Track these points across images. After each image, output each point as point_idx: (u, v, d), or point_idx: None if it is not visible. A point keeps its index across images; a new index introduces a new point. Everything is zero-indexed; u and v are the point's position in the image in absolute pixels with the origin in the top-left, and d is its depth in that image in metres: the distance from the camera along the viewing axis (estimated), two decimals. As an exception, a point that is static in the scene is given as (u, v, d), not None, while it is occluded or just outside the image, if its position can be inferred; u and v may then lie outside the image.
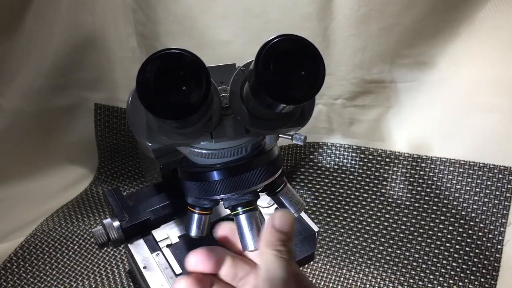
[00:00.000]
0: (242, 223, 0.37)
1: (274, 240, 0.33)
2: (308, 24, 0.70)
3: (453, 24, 0.70)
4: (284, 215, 0.34)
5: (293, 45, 0.28)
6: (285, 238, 0.33)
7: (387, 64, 0.74)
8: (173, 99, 0.28)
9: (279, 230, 0.33)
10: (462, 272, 0.73)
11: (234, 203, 0.38)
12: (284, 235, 0.33)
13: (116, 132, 0.90)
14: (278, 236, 0.33)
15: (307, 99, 0.29)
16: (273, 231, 0.33)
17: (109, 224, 0.50)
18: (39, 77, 0.83)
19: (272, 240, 0.33)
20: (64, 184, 0.90)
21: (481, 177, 0.75)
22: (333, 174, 0.84)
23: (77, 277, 0.72)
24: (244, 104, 0.33)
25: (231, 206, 0.38)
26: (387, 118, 0.80)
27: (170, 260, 0.50)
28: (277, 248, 0.32)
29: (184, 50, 0.28)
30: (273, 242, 0.32)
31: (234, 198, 0.38)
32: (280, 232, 0.33)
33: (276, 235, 0.33)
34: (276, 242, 0.32)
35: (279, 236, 0.33)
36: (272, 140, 0.38)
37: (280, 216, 0.34)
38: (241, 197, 0.38)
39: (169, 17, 0.74)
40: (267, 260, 0.32)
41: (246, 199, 0.38)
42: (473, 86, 0.73)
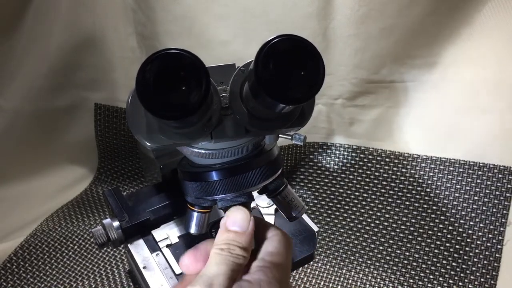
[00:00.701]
0: None
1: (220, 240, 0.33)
2: (308, 24, 0.70)
3: (453, 24, 0.70)
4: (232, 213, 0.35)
5: (293, 45, 0.28)
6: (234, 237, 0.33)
7: (387, 64, 0.74)
8: (172, 99, 0.28)
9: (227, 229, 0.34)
10: (462, 272, 0.73)
11: (229, 204, 0.38)
12: (233, 234, 0.33)
13: (116, 132, 0.90)
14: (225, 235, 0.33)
15: (307, 99, 0.29)
16: (223, 231, 0.34)
17: (109, 224, 0.49)
18: (39, 77, 0.83)
19: (218, 241, 0.33)
20: (64, 184, 0.90)
21: (481, 177, 0.75)
22: (333, 174, 0.84)
23: (77, 277, 0.72)
24: (244, 104, 0.33)
25: (224, 207, 0.38)
26: (387, 118, 0.80)
27: (170, 260, 0.50)
28: (220, 246, 0.32)
29: (183, 50, 0.28)
30: (218, 242, 0.33)
31: (229, 200, 0.38)
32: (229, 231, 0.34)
33: (224, 235, 0.33)
34: (222, 242, 0.33)
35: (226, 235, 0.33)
36: (272, 140, 0.38)
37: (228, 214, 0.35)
38: (236, 198, 0.38)
39: (169, 17, 0.74)
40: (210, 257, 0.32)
41: (241, 201, 0.38)
42: (473, 86, 0.73)
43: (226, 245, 0.33)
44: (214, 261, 0.32)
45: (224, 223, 0.34)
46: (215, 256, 0.32)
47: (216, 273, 0.31)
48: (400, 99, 0.78)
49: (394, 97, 0.78)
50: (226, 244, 0.33)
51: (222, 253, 0.32)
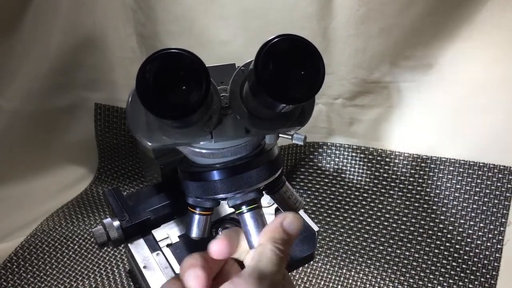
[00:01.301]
0: (247, 221, 0.37)
1: (277, 237, 0.32)
2: (308, 24, 0.70)
3: (453, 24, 0.70)
4: (295, 218, 0.34)
5: (293, 45, 0.29)
6: (287, 240, 0.33)
7: (387, 64, 0.74)
8: (173, 99, 0.28)
9: (285, 230, 0.33)
10: (462, 272, 0.73)
11: (239, 201, 0.38)
12: (287, 236, 0.33)
13: (116, 132, 0.90)
14: (282, 235, 0.33)
15: (307, 99, 0.29)
16: (279, 228, 0.33)
17: (109, 224, 0.49)
18: (39, 77, 0.83)
19: (275, 237, 0.32)
20: (64, 184, 0.90)
21: (481, 177, 0.75)
22: (333, 174, 0.84)
23: (77, 277, 0.72)
24: (244, 104, 0.33)
25: (235, 205, 0.38)
26: (387, 118, 0.80)
27: (170, 260, 0.50)
28: (277, 245, 0.32)
29: (183, 50, 0.28)
30: (275, 239, 0.32)
31: (238, 197, 0.38)
32: (285, 232, 0.33)
33: (281, 233, 0.33)
34: (278, 240, 0.32)
35: (282, 235, 0.33)
36: (272, 139, 0.38)
37: (291, 217, 0.34)
38: (246, 195, 0.38)
39: (169, 17, 0.74)
40: (262, 252, 0.32)
41: (251, 197, 0.38)
42: (473, 86, 0.73)
43: (284, 246, 0.32)
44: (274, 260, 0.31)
45: (281, 221, 0.34)
46: (274, 256, 0.31)
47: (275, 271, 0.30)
48: (400, 99, 0.78)
49: (394, 97, 0.78)
50: (284, 245, 0.32)
51: (281, 254, 0.32)
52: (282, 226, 0.33)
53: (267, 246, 0.32)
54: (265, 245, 0.32)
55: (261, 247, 0.32)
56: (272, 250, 0.31)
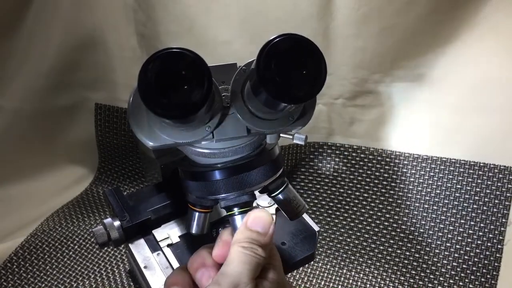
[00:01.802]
0: (237, 223, 0.37)
1: (241, 237, 0.33)
2: (309, 24, 0.70)
3: (453, 24, 0.70)
4: (259, 214, 0.34)
5: (295, 44, 0.29)
6: (253, 236, 0.33)
7: (388, 64, 0.74)
8: (174, 99, 0.28)
9: (250, 228, 0.33)
10: (462, 272, 0.73)
11: (232, 203, 0.38)
12: (256, 234, 0.33)
13: (116, 132, 0.90)
14: (248, 234, 0.33)
15: (308, 98, 0.29)
16: (243, 229, 0.33)
17: (110, 224, 0.49)
18: (39, 77, 0.83)
19: (238, 238, 0.33)
20: (64, 184, 0.90)
21: (481, 177, 0.75)
22: (333, 174, 0.84)
23: (78, 277, 0.72)
24: (245, 104, 0.33)
25: (227, 206, 0.38)
26: (387, 118, 0.80)
27: (171, 260, 0.50)
28: (242, 244, 0.32)
29: (185, 49, 0.28)
30: (239, 239, 0.32)
31: (231, 199, 0.38)
32: (250, 230, 0.33)
33: (246, 233, 0.33)
34: (243, 239, 0.32)
35: (249, 234, 0.33)
36: (273, 139, 0.38)
37: (254, 215, 0.34)
38: (239, 197, 0.38)
39: (170, 17, 0.74)
40: (231, 253, 0.32)
41: (244, 200, 0.38)
42: (473, 86, 0.73)
43: (249, 243, 0.32)
44: (238, 259, 0.31)
45: (245, 221, 0.34)
46: (239, 254, 0.31)
47: (241, 272, 0.30)
48: (401, 99, 0.78)
49: (394, 97, 0.78)
50: (249, 242, 0.32)
51: (245, 251, 0.31)
52: (246, 226, 0.33)
53: (232, 248, 0.32)
54: (232, 248, 0.32)
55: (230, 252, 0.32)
56: (237, 249, 0.32)
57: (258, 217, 0.34)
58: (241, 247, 0.32)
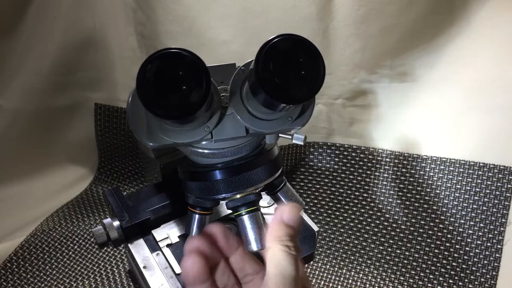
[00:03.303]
0: (245, 223, 0.37)
1: (282, 234, 0.31)
2: (308, 24, 0.70)
3: (453, 24, 0.70)
4: (292, 209, 0.33)
5: (293, 45, 0.29)
6: (293, 233, 0.32)
7: (387, 64, 0.74)
8: (173, 99, 0.28)
9: (287, 224, 0.32)
10: (462, 272, 0.73)
11: (238, 203, 0.38)
12: (292, 229, 0.32)
13: (116, 132, 0.90)
14: (286, 230, 0.32)
15: (307, 99, 0.29)
16: (281, 225, 0.32)
17: (109, 224, 0.49)
18: (39, 77, 0.83)
19: (280, 235, 0.31)
20: (64, 184, 0.90)
21: (481, 177, 0.75)
22: (333, 174, 0.84)
23: (77, 277, 0.72)
24: (244, 104, 0.33)
25: (234, 207, 0.38)
26: (387, 118, 0.80)
27: (170, 260, 0.50)
28: (286, 243, 0.31)
29: (184, 50, 0.28)
30: (281, 237, 0.31)
31: (237, 199, 0.38)
32: (288, 226, 0.32)
33: (285, 229, 0.32)
34: (285, 237, 0.31)
35: (287, 230, 0.32)
36: (272, 139, 0.38)
37: (288, 209, 0.33)
38: (244, 197, 0.38)
39: (169, 17, 0.74)
40: (276, 255, 0.30)
41: (249, 200, 0.38)
42: (473, 86, 0.73)
43: (292, 241, 0.31)
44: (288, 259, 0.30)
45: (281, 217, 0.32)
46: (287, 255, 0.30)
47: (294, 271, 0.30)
48: (400, 99, 0.78)
49: (394, 97, 0.78)
50: (292, 240, 0.31)
51: (292, 252, 0.30)
52: (284, 222, 0.32)
53: (276, 247, 0.31)
54: (274, 246, 0.31)
55: (271, 250, 0.31)
56: (282, 251, 0.30)
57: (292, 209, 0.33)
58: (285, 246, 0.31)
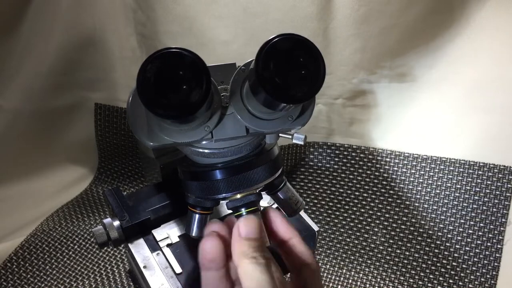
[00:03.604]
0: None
1: (245, 249, 0.31)
2: (308, 24, 0.70)
3: (453, 24, 0.70)
4: (246, 222, 0.33)
5: (294, 45, 0.29)
6: (256, 243, 0.32)
7: (387, 64, 0.74)
8: (173, 99, 0.28)
9: (247, 237, 0.32)
10: (462, 272, 0.73)
11: (238, 204, 0.38)
12: (254, 241, 0.32)
13: (116, 132, 0.90)
14: (247, 243, 0.32)
15: (307, 98, 0.29)
16: (241, 241, 0.32)
17: (109, 224, 0.49)
18: (39, 77, 0.83)
19: (243, 250, 0.31)
20: (64, 184, 0.90)
21: (481, 177, 0.75)
22: (333, 174, 0.84)
23: (77, 276, 0.72)
24: (244, 104, 0.33)
25: (234, 207, 0.38)
26: (387, 118, 0.80)
27: (170, 260, 0.50)
28: (251, 255, 0.31)
29: (184, 49, 0.28)
30: (245, 252, 0.31)
31: (237, 199, 0.38)
32: (248, 239, 0.32)
33: (246, 243, 0.32)
34: (248, 250, 0.31)
35: (248, 243, 0.32)
36: (273, 139, 0.38)
37: (243, 224, 0.33)
38: (245, 197, 0.38)
39: (169, 17, 0.74)
40: (246, 270, 0.30)
41: (250, 200, 0.38)
42: (473, 85, 0.73)
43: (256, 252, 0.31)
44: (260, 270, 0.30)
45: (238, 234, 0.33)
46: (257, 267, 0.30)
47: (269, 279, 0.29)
48: (400, 99, 0.78)
49: (394, 97, 0.78)
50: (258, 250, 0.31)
51: (259, 261, 0.30)
52: (241, 236, 0.32)
53: (243, 262, 0.31)
54: (241, 262, 0.31)
55: (240, 267, 0.31)
56: (251, 263, 0.30)
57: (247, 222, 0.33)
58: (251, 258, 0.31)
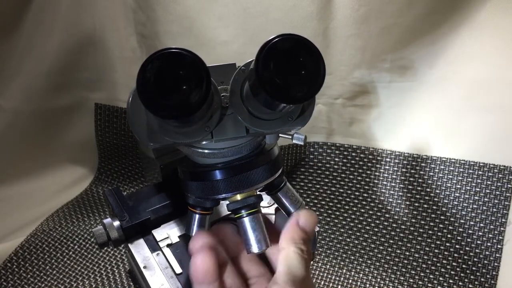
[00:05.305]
0: (246, 225, 0.37)
1: (297, 237, 0.32)
2: (308, 24, 0.70)
3: (453, 24, 0.70)
4: (310, 215, 0.34)
5: (294, 45, 0.28)
6: (307, 238, 0.33)
7: (387, 64, 0.74)
8: (173, 99, 0.28)
9: (303, 228, 0.33)
10: (462, 272, 0.73)
11: (238, 206, 0.38)
12: (306, 234, 0.33)
13: (116, 132, 0.90)
14: (301, 234, 0.33)
15: (307, 98, 0.29)
16: (297, 228, 0.33)
17: (109, 224, 0.49)
18: (39, 77, 0.83)
19: (295, 237, 0.32)
20: (64, 184, 0.90)
21: (481, 177, 0.75)
22: (333, 174, 0.84)
23: (77, 277, 0.72)
24: (244, 104, 0.33)
25: (235, 209, 0.38)
26: (387, 118, 0.80)
27: (170, 260, 0.50)
28: (299, 246, 0.32)
29: (184, 50, 0.28)
30: (295, 240, 0.32)
31: (238, 201, 0.38)
32: (303, 230, 0.33)
33: (299, 233, 0.33)
34: (299, 240, 0.32)
35: (302, 234, 0.33)
36: (273, 139, 0.38)
37: (306, 215, 0.34)
38: (245, 199, 0.37)
39: (169, 17, 0.74)
40: (289, 256, 0.31)
41: (250, 202, 0.37)
42: (473, 85, 0.73)
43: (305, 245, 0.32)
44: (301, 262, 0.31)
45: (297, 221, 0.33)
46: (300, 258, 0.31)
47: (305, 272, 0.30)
48: (400, 99, 0.78)
49: (394, 97, 0.78)
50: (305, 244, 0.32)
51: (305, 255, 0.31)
52: (299, 226, 0.33)
53: (290, 249, 0.32)
54: (288, 248, 0.32)
55: (285, 251, 0.32)
56: (296, 253, 0.31)
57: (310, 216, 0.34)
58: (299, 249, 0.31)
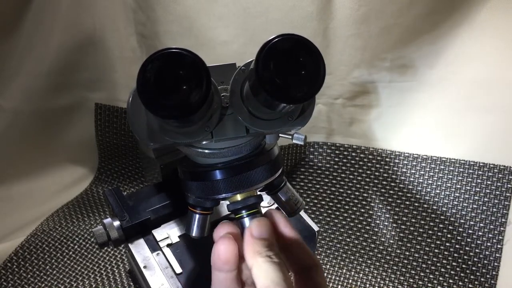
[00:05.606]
0: (246, 226, 0.37)
1: (258, 248, 0.32)
2: (308, 24, 0.70)
3: (453, 24, 0.70)
4: (260, 222, 0.33)
5: (294, 45, 0.28)
6: (269, 243, 0.32)
7: (387, 64, 0.74)
8: (173, 99, 0.28)
9: (261, 237, 0.32)
10: (462, 272, 0.73)
11: (238, 206, 0.38)
12: (267, 241, 0.32)
13: (116, 132, 0.90)
14: (261, 243, 0.32)
15: (307, 98, 0.29)
16: (254, 240, 0.32)
17: (110, 224, 0.50)
18: (39, 77, 0.83)
19: (258, 249, 0.32)
20: (64, 184, 0.90)
21: (481, 177, 0.75)
22: (333, 174, 0.84)
23: (77, 276, 0.72)
24: (244, 104, 0.33)
25: (235, 209, 0.38)
26: (387, 118, 0.80)
27: (171, 260, 0.50)
28: (265, 254, 0.31)
29: (184, 50, 0.28)
30: (259, 251, 0.31)
31: (238, 201, 0.38)
32: (261, 239, 0.32)
33: (259, 242, 0.32)
34: (263, 249, 0.31)
35: (261, 242, 0.32)
36: (273, 139, 0.38)
37: (256, 224, 0.33)
38: (245, 200, 0.37)
39: (169, 17, 0.74)
40: (262, 268, 0.30)
41: (250, 202, 0.37)
42: (473, 85, 0.73)
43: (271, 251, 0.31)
44: (275, 269, 0.30)
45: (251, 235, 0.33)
46: (272, 265, 0.30)
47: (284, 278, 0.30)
48: (400, 99, 0.78)
49: (394, 97, 0.78)
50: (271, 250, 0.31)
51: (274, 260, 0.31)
52: (254, 237, 0.33)
53: (259, 260, 0.31)
54: (256, 261, 0.31)
55: (255, 266, 0.31)
56: (266, 262, 0.31)
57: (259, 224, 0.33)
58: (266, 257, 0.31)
